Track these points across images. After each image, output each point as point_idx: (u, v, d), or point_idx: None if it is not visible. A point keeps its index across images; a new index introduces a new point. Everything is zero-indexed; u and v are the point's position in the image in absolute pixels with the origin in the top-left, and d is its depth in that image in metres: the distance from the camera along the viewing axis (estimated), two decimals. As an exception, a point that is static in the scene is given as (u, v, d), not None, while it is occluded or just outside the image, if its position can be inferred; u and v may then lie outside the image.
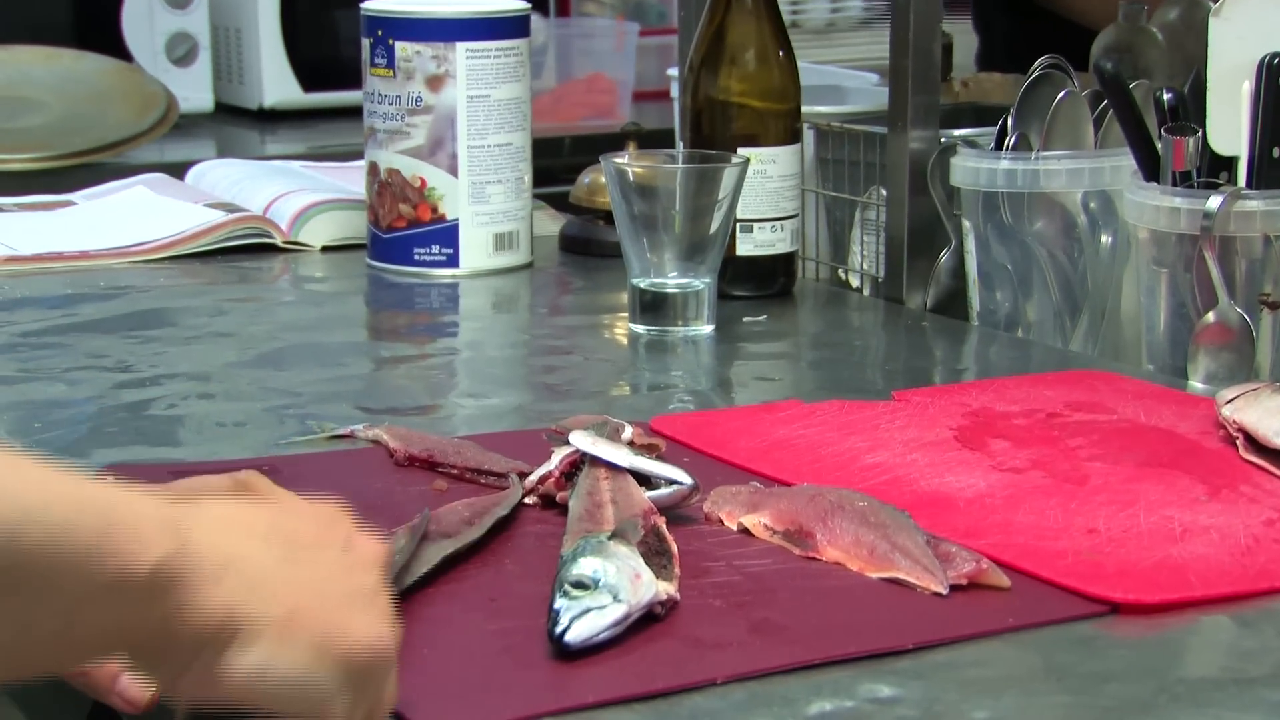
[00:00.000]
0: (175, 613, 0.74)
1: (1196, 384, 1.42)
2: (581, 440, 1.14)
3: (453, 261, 1.82)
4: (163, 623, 0.74)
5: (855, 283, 1.84)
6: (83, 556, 0.71)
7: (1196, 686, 0.91)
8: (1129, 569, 1.02)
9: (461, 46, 1.80)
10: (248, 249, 1.91)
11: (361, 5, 1.84)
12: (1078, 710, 0.88)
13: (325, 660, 0.77)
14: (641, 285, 1.57)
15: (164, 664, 0.76)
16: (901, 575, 1.01)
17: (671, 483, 1.10)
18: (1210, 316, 1.42)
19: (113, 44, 2.84)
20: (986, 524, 1.09)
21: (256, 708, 0.77)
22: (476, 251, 1.82)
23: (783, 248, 1.73)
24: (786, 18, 1.95)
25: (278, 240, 1.93)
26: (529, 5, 1.86)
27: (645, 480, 1.10)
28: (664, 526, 1.03)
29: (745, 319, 1.65)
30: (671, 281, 1.57)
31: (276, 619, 0.76)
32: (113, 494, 0.74)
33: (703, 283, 1.57)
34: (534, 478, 1.14)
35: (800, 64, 1.73)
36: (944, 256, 1.70)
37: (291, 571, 0.78)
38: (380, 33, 1.81)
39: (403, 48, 1.80)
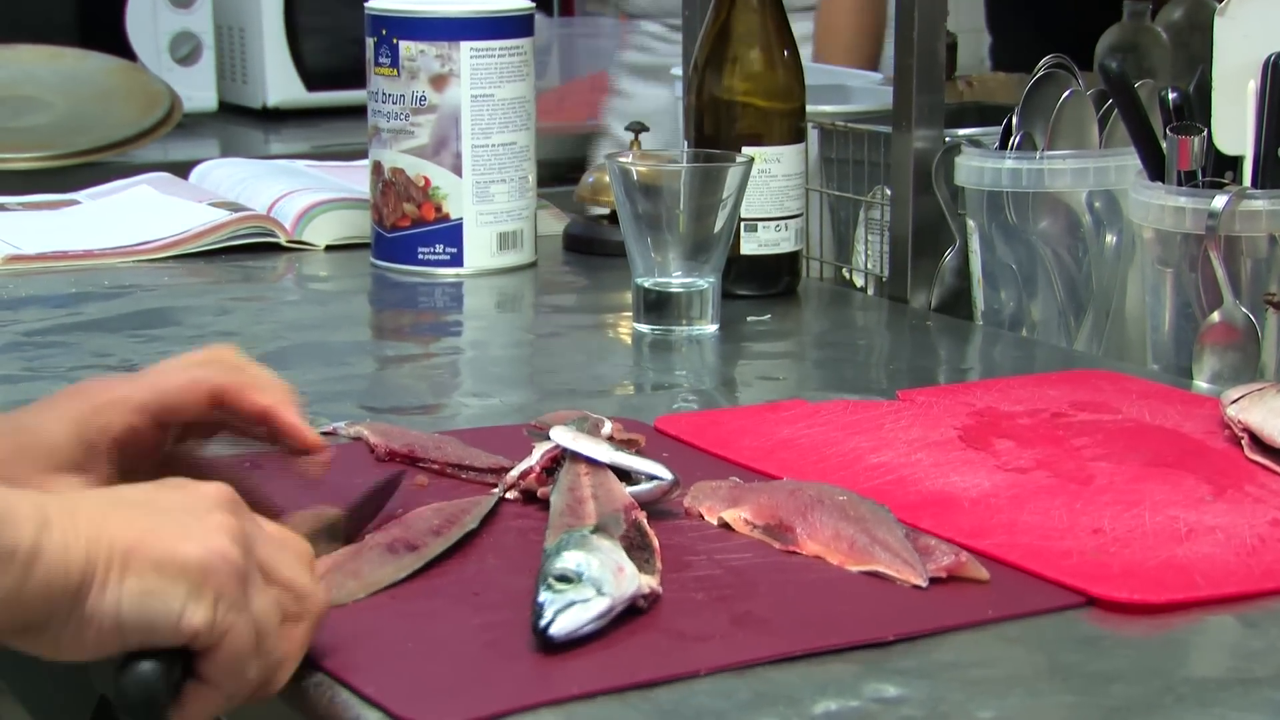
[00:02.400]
0: (45, 580, 0.79)
1: (1201, 384, 1.42)
2: (562, 435, 1.14)
3: (457, 261, 1.82)
4: (38, 592, 0.80)
5: (859, 282, 1.84)
6: None
7: (1202, 686, 0.91)
8: (1134, 569, 1.02)
9: (465, 46, 1.79)
10: (251, 248, 1.91)
11: (365, 4, 1.84)
12: (1083, 710, 0.88)
13: (166, 576, 0.82)
14: (645, 284, 1.57)
15: (45, 632, 0.81)
16: (881, 568, 1.01)
17: (652, 478, 1.11)
18: (1215, 316, 1.42)
19: (116, 43, 2.84)
20: (991, 524, 1.09)
21: (127, 646, 0.82)
22: (480, 251, 1.82)
23: (787, 247, 1.73)
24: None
25: (281, 239, 1.93)
26: (533, 4, 1.85)
27: (626, 475, 1.11)
28: (645, 521, 1.04)
29: (749, 318, 1.65)
30: (675, 281, 1.56)
31: (120, 555, 0.82)
32: None
33: (707, 282, 1.57)
34: (515, 473, 1.14)
35: (804, 63, 1.73)
36: (948, 256, 1.69)
37: (131, 513, 0.84)
38: (384, 32, 1.81)
39: (407, 47, 1.80)
